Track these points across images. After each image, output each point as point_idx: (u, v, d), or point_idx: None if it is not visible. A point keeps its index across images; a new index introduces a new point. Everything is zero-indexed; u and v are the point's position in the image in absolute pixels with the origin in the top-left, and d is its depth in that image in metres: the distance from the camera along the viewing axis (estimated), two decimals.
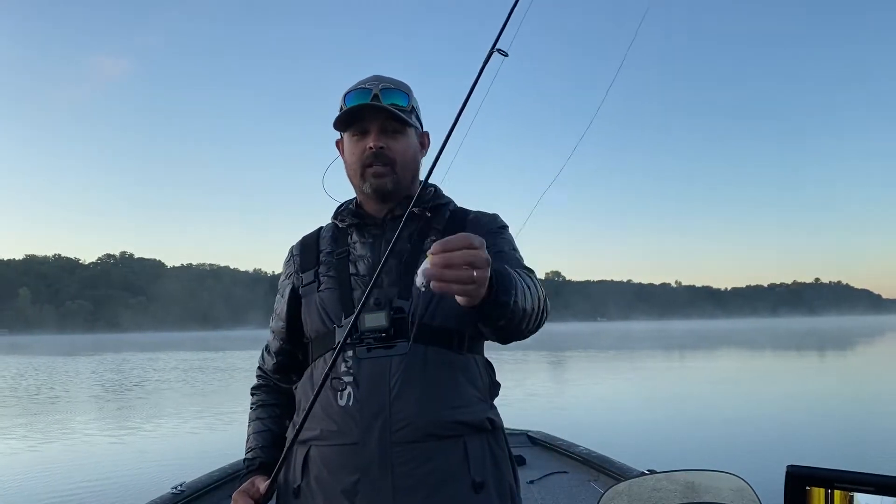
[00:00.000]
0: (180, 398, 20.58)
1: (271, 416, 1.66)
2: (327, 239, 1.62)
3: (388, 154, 1.51)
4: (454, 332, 1.45)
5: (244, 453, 1.67)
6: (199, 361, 40.95)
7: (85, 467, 10.30)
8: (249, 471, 1.59)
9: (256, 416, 1.67)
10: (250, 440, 1.64)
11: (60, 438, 13.21)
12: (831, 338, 61.47)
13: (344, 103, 1.52)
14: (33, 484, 9.28)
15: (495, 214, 1.64)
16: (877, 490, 0.81)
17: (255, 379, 1.74)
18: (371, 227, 1.56)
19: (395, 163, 1.52)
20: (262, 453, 1.61)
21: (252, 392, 1.73)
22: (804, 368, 29.17)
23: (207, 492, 3.69)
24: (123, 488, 8.72)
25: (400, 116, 1.50)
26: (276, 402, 1.68)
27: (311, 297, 1.54)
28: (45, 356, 55.28)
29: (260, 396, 1.70)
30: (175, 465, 9.56)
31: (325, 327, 1.49)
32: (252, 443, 1.63)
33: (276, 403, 1.68)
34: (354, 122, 1.52)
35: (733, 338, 66.79)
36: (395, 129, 1.52)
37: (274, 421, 1.66)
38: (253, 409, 1.69)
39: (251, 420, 1.68)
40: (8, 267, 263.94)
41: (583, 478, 4.19)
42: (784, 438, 11.51)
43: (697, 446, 11.10)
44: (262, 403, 1.69)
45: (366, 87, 1.51)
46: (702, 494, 1.22)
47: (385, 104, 1.49)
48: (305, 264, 1.60)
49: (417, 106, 1.60)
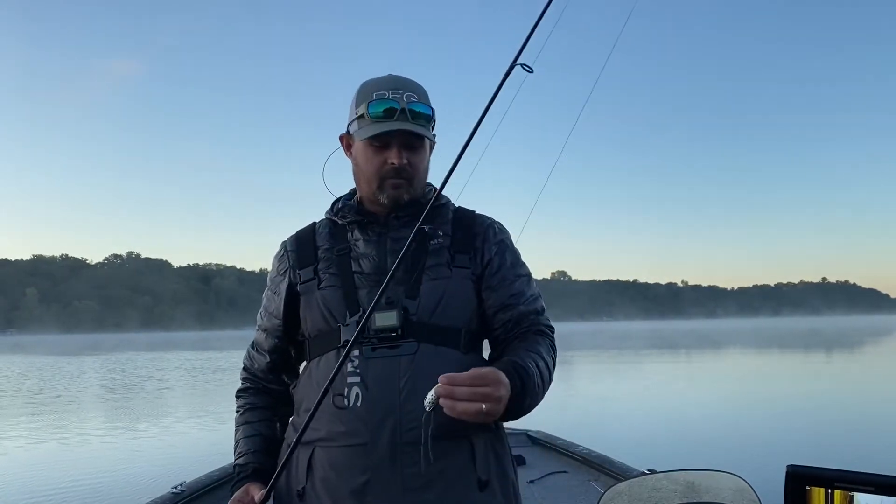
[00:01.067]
0: (181, 398, 20.65)
1: (261, 419, 1.61)
2: (324, 235, 1.58)
3: (409, 170, 1.50)
4: (461, 331, 1.46)
5: (234, 455, 1.61)
6: (202, 361, 41.02)
7: (85, 467, 10.33)
8: (242, 477, 1.54)
9: (245, 419, 1.61)
10: (240, 445, 1.58)
11: (61, 438, 13.23)
12: (835, 337, 61.20)
13: (366, 111, 1.47)
14: (33, 483, 9.29)
15: (501, 225, 1.63)
16: (877, 490, 0.80)
17: (241, 381, 1.67)
18: (374, 225, 1.54)
19: (413, 178, 1.51)
20: (255, 458, 1.55)
21: (238, 395, 1.66)
22: (805, 368, 29.14)
23: (207, 492, 3.68)
24: (123, 488, 8.72)
25: (425, 135, 1.49)
26: (265, 405, 1.62)
27: (312, 295, 1.51)
28: (52, 356, 55.46)
29: (248, 399, 1.64)
30: (175, 465, 9.55)
31: (329, 326, 1.47)
32: (242, 448, 1.58)
33: (265, 406, 1.62)
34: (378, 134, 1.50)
35: (736, 338, 66.60)
36: (417, 144, 1.51)
37: (264, 425, 1.60)
38: (241, 413, 1.63)
39: (239, 424, 1.62)
40: (16, 267, 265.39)
41: (583, 478, 4.18)
42: (784, 438, 11.49)
43: (697, 446, 11.11)
44: (250, 407, 1.62)
45: (390, 98, 1.47)
46: (702, 494, 1.21)
47: (413, 121, 1.47)
48: (303, 260, 1.56)
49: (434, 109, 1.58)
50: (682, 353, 41.47)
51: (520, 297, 1.54)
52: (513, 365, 1.34)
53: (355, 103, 1.52)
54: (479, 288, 1.53)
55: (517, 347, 1.47)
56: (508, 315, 1.52)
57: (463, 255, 1.52)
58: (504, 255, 1.56)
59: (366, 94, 1.50)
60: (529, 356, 1.41)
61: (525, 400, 1.34)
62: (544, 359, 1.45)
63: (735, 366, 31.51)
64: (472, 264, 1.53)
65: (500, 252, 1.57)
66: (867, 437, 11.49)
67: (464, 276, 1.51)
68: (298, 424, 1.47)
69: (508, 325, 1.53)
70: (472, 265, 1.53)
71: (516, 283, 1.55)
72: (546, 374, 1.43)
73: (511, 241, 1.61)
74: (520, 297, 1.54)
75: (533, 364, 1.39)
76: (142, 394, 22.08)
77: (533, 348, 1.45)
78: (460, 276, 1.50)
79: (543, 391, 1.41)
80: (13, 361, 46.56)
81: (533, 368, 1.37)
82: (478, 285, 1.53)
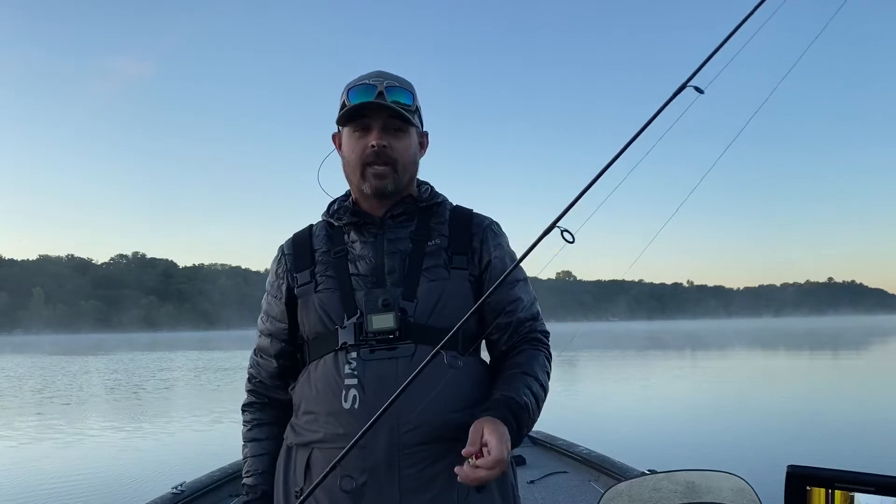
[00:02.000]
0: (183, 398, 20.75)
1: (268, 437, 1.60)
2: (321, 237, 1.58)
3: (389, 153, 1.49)
4: (459, 334, 1.43)
5: (242, 473, 1.63)
6: (205, 361, 41.14)
7: (85, 467, 10.39)
8: (251, 499, 1.55)
9: (253, 436, 1.60)
10: (248, 464, 1.59)
11: (61, 438, 13.28)
12: (839, 337, 61.20)
13: (347, 99, 1.49)
14: (33, 483, 9.33)
15: (499, 226, 1.63)
16: (877, 490, 0.80)
17: (247, 394, 1.66)
18: (370, 227, 1.54)
19: (396, 163, 1.50)
20: (263, 480, 1.56)
21: (244, 409, 1.65)
22: (806, 368, 29.27)
23: (207, 492, 3.68)
24: (123, 488, 8.75)
25: (404, 115, 1.48)
26: (271, 421, 1.61)
27: (309, 298, 1.51)
28: (56, 356, 55.68)
29: (254, 415, 1.63)
30: (175, 465, 9.58)
31: (326, 328, 1.47)
32: (250, 467, 1.58)
33: (271, 422, 1.61)
34: (357, 118, 1.50)
35: (739, 337, 66.69)
36: (398, 128, 1.50)
37: (272, 443, 1.59)
38: (248, 429, 1.62)
39: (247, 441, 1.61)
40: (22, 267, 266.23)
41: (583, 478, 4.18)
42: (784, 438, 11.51)
43: (697, 446, 11.13)
44: (257, 423, 1.61)
45: (370, 84, 1.48)
46: (702, 494, 1.22)
47: (390, 102, 1.47)
48: (300, 264, 1.56)
49: (420, 106, 1.58)
50: (683, 353, 41.59)
51: (518, 304, 1.55)
52: (506, 404, 1.37)
53: (340, 96, 1.54)
54: (477, 289, 1.53)
55: (513, 372, 1.48)
56: (507, 320, 1.54)
57: (461, 256, 1.52)
58: (504, 259, 1.57)
59: (349, 85, 1.52)
60: (525, 382, 1.45)
61: (520, 433, 1.38)
62: (539, 380, 1.48)
63: (736, 366, 31.56)
64: (470, 265, 1.53)
65: (500, 255, 1.57)
66: (867, 437, 11.50)
67: (462, 278, 1.51)
68: (297, 426, 1.49)
69: (506, 330, 1.55)
70: (469, 266, 1.53)
71: (515, 287, 1.55)
72: (541, 395, 1.48)
73: (508, 243, 1.61)
74: (518, 304, 1.55)
75: (529, 394, 1.43)
76: (143, 394, 22.18)
77: (529, 369, 1.48)
78: (458, 277, 1.50)
79: (537, 415, 1.46)
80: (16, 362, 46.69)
81: (529, 400, 1.42)
82: (476, 286, 1.53)
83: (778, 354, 39.78)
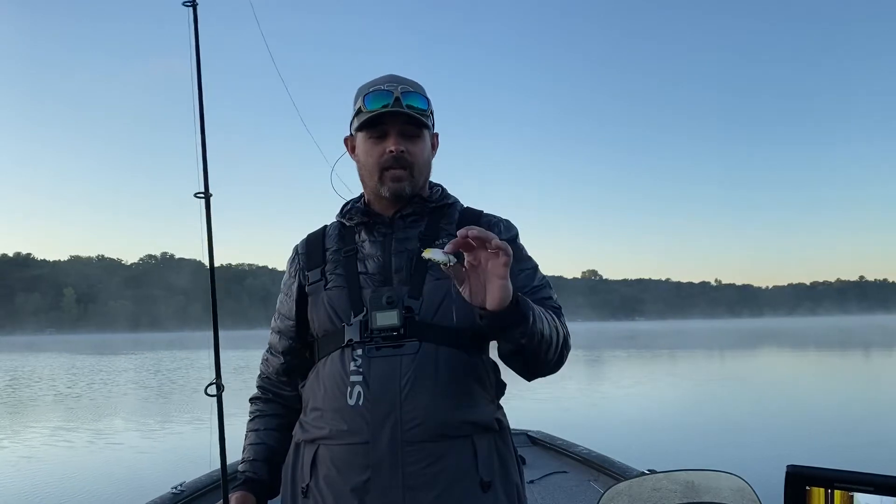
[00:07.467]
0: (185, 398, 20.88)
1: (267, 428, 1.66)
2: (333, 237, 1.62)
3: (407, 158, 1.52)
4: (464, 331, 1.45)
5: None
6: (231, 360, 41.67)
7: (85, 467, 10.60)
8: (236, 485, 1.62)
9: (253, 426, 1.68)
10: (245, 451, 1.66)
11: (61, 438, 13.43)
12: (858, 337, 60.46)
13: (363, 104, 1.52)
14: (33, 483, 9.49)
15: (509, 221, 1.64)
16: (877, 490, 0.80)
17: (256, 388, 1.73)
18: (380, 226, 1.57)
19: (413, 167, 1.53)
20: (251, 468, 1.63)
21: (251, 401, 1.72)
22: (809, 368, 29.19)
23: (207, 492, 3.67)
24: (123, 488, 8.84)
25: (421, 120, 1.52)
26: (273, 413, 1.68)
27: (318, 296, 1.54)
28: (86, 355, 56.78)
29: (258, 406, 1.70)
30: (175, 465, 9.62)
31: (334, 325, 1.49)
32: (245, 454, 1.66)
33: (273, 414, 1.68)
34: (374, 124, 1.52)
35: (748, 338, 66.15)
36: (414, 133, 1.53)
37: (269, 434, 1.66)
38: (251, 420, 1.69)
39: (248, 431, 1.69)
40: (54, 268, 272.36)
41: (583, 478, 4.17)
42: (784, 438, 11.48)
43: (697, 446, 11.16)
44: (260, 414, 1.69)
45: (385, 89, 1.51)
46: (702, 494, 1.23)
47: (406, 108, 1.50)
48: (311, 262, 1.60)
49: (433, 110, 1.61)
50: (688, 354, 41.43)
51: (522, 290, 1.52)
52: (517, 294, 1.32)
53: (354, 101, 1.57)
54: None
55: None
56: None
57: None
58: (520, 265, 1.56)
59: (363, 90, 1.54)
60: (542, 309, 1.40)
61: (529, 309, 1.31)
62: (553, 317, 1.44)
63: (737, 365, 31.55)
64: None
65: (516, 262, 1.55)
66: (867, 437, 11.42)
67: None
68: (305, 423, 1.51)
69: None
70: None
71: (520, 276, 1.54)
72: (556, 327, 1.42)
73: (517, 238, 1.62)
74: (522, 290, 1.52)
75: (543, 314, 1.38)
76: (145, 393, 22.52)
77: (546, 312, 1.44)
78: None
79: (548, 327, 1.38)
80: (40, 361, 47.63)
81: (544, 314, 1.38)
82: None
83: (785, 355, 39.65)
